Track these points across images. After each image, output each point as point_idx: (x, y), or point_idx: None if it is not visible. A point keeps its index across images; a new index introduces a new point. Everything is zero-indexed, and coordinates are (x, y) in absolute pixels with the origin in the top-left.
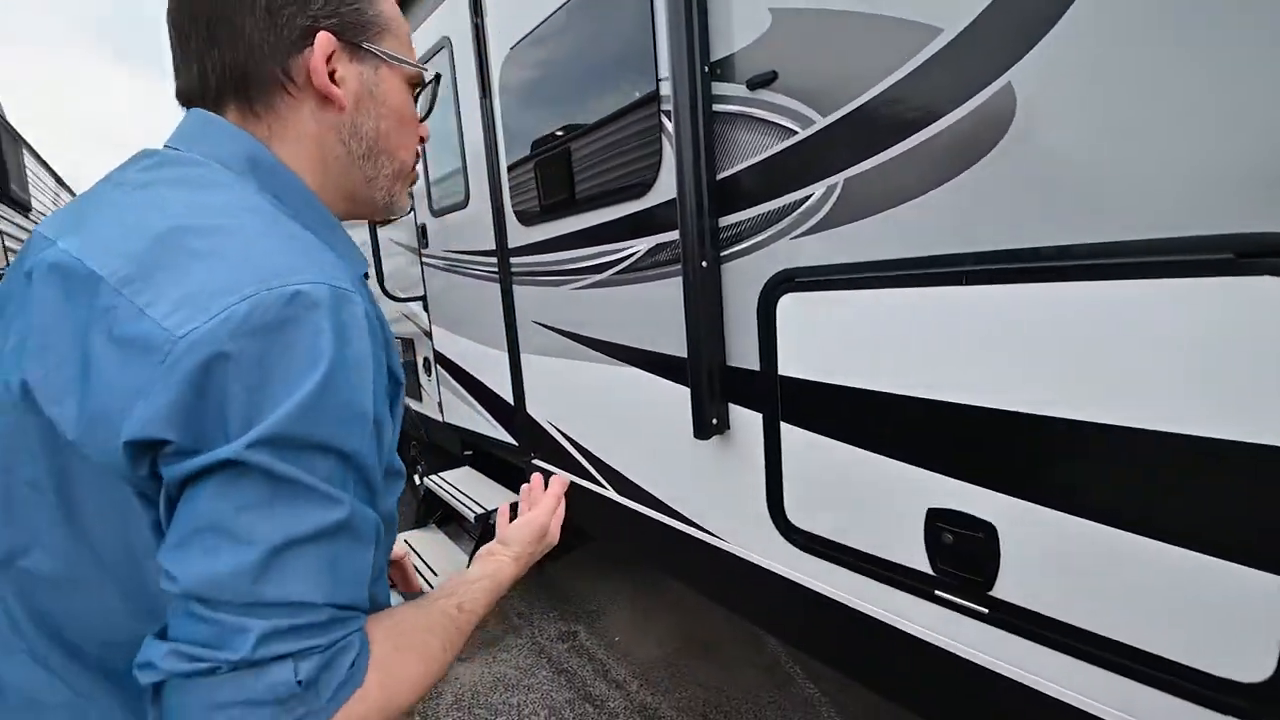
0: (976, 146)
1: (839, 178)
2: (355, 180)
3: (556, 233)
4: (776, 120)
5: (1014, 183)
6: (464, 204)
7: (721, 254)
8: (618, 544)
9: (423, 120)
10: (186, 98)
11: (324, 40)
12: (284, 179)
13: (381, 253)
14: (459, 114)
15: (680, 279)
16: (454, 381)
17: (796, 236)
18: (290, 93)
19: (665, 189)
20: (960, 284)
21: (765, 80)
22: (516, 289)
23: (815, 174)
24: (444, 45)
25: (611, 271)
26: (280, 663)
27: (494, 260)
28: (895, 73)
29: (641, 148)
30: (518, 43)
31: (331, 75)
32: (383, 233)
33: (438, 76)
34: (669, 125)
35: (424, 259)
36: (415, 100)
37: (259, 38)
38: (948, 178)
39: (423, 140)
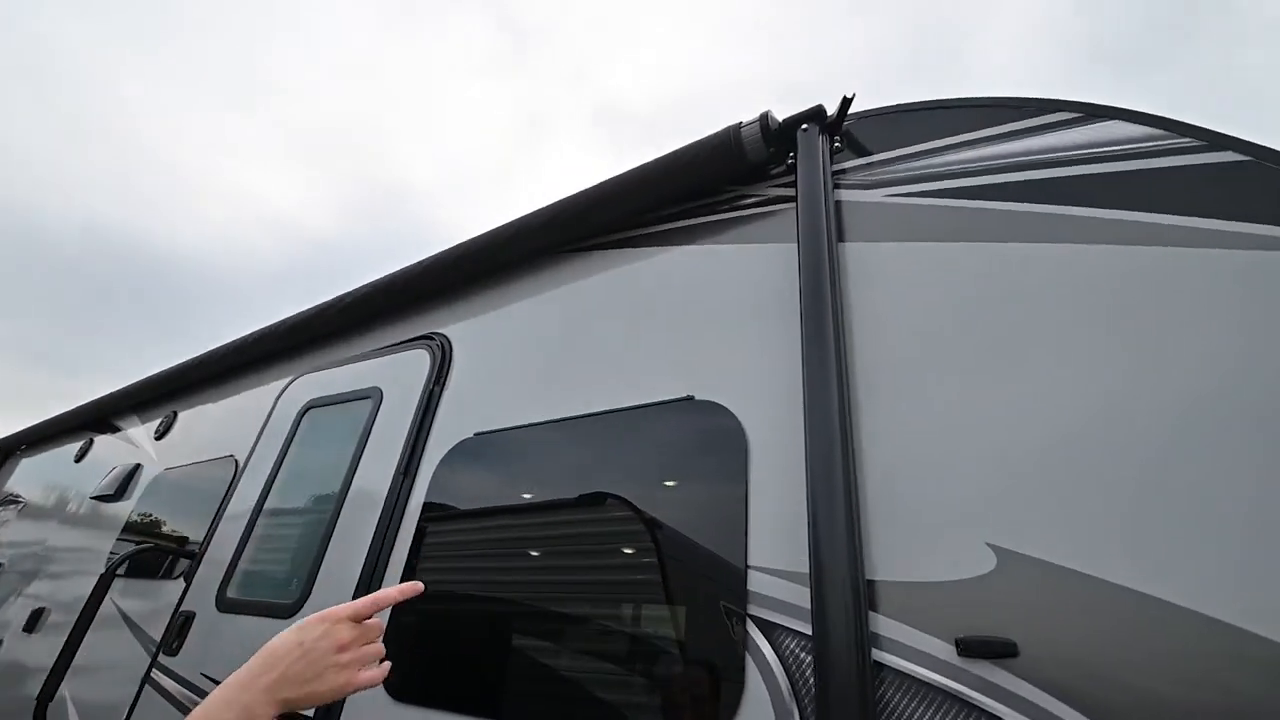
0: None
1: None
2: None
3: None
4: None
5: None
6: (292, 608)
7: None
8: None
9: None
10: None
11: None
12: None
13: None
14: (346, 487)
15: None
16: None
17: None
18: None
19: None
20: None
21: (995, 650)
22: None
23: None
24: (370, 396)
25: None
26: None
27: None
28: None
29: (700, 664)
30: (489, 432)
31: None
32: (118, 598)
33: None
34: (763, 643)
35: (156, 676)
36: None
37: None
38: None
39: None
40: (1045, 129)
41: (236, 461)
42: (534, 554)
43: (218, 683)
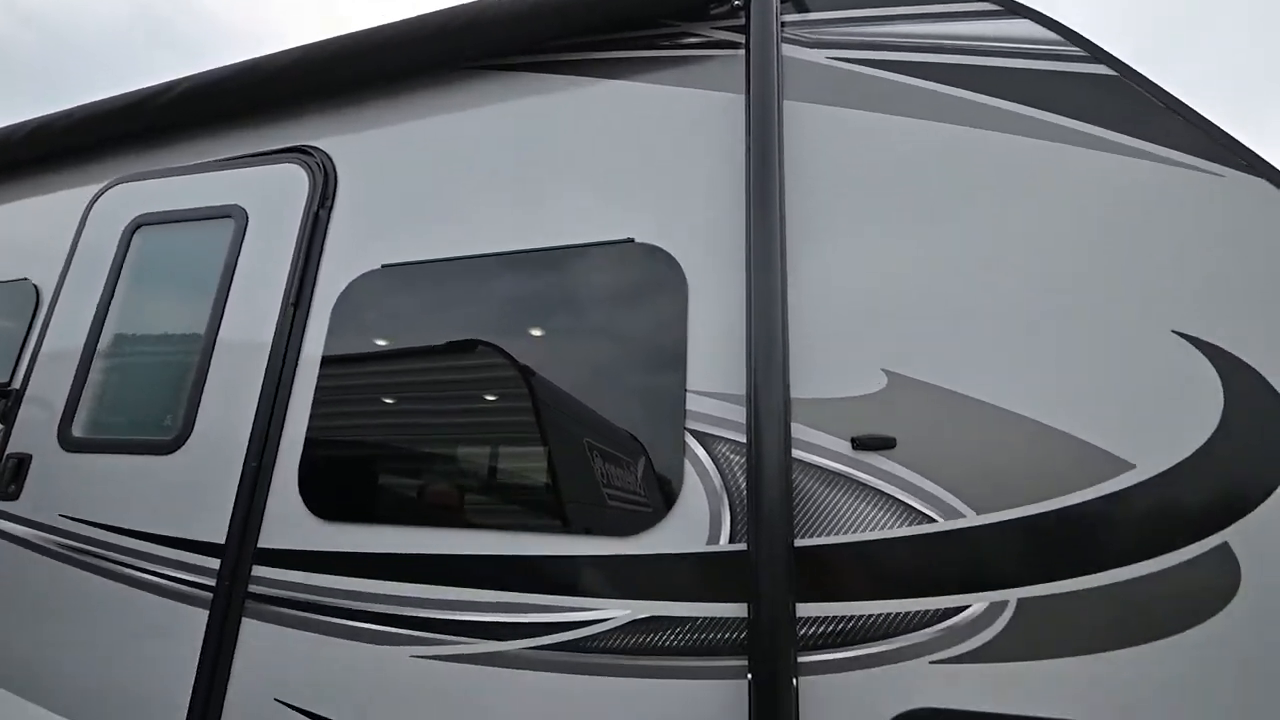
0: (1196, 608)
1: (1009, 595)
2: None
3: (402, 548)
4: (898, 496)
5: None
6: (172, 444)
7: (801, 661)
8: None
9: None
10: None
11: None
12: None
13: None
14: (218, 316)
15: (707, 685)
16: None
17: (942, 661)
18: None
19: (682, 533)
20: None
21: (879, 444)
22: (251, 629)
23: (970, 581)
24: (230, 215)
25: (539, 642)
26: None
27: (211, 564)
28: (1077, 494)
29: (640, 469)
30: (401, 264)
31: None
32: None
33: None
34: (699, 450)
35: None
36: None
37: None
38: (1163, 633)
39: None
40: (969, 16)
41: (36, 287)
42: (460, 382)
43: (86, 523)
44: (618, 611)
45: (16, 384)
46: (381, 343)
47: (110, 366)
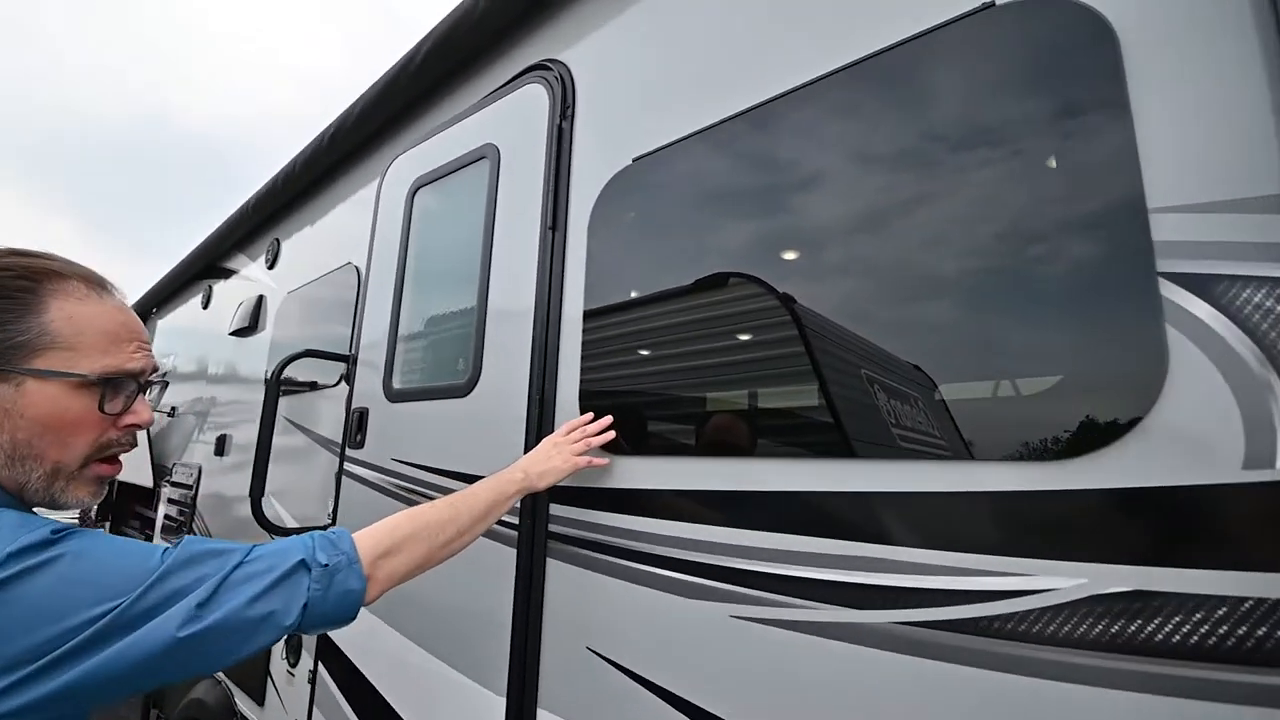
0: None
1: None
2: (8, 482)
3: (713, 483)
4: None
5: None
6: (466, 387)
7: None
8: None
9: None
10: None
11: None
12: None
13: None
14: (487, 261)
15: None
16: (350, 713)
17: None
18: None
19: (1177, 452)
20: None
21: None
22: (558, 571)
23: None
24: (485, 155)
25: (923, 616)
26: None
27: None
28: None
29: (1073, 351)
30: (655, 151)
31: None
32: (285, 405)
33: (142, 376)
34: (1196, 307)
35: (348, 468)
36: (112, 392)
37: None
38: None
39: (136, 427)
40: None
41: (357, 268)
42: (760, 273)
43: (408, 464)
44: (1061, 580)
45: (353, 351)
46: (651, 245)
47: (412, 324)
